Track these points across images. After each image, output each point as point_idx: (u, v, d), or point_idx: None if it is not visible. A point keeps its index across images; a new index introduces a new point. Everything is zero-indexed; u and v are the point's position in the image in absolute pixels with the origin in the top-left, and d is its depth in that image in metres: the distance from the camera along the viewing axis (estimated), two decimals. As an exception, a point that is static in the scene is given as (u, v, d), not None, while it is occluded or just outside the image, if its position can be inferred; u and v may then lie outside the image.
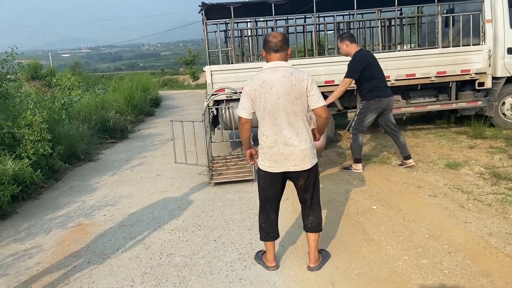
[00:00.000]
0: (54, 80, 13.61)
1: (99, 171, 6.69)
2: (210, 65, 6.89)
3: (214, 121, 7.34)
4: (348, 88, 5.65)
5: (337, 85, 6.89)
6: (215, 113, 7.13)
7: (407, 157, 5.58)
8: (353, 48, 5.40)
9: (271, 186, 3.14)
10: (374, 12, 8.35)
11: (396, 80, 7.04)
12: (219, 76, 6.82)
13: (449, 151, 6.27)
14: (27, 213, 4.91)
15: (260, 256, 3.41)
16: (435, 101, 7.48)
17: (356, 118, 5.57)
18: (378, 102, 5.36)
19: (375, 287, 2.91)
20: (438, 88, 7.53)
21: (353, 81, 5.46)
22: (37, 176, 5.23)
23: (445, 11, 7.70)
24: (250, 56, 9.19)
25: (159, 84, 24.56)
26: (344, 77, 5.43)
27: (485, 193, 4.51)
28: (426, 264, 3.14)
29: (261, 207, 3.25)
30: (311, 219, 3.21)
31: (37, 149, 5.47)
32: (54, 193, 5.66)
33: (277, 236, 3.27)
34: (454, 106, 7.41)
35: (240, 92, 6.58)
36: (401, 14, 9.27)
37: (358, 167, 5.59)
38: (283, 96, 2.93)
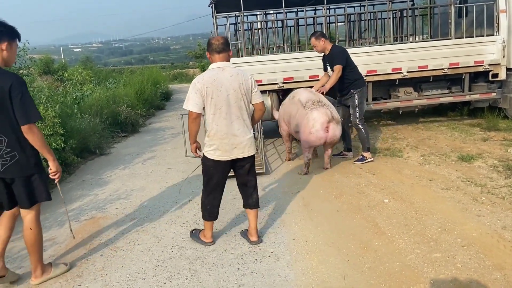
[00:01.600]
0: (66, 75, 13.71)
1: (111, 164, 6.75)
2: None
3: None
4: None
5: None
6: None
7: (349, 149, 5.98)
8: (328, 43, 5.65)
9: (221, 173, 3.51)
10: (386, 3, 8.26)
11: (407, 72, 6.96)
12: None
13: (462, 144, 6.20)
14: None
15: (197, 235, 3.73)
16: (447, 93, 7.39)
17: (357, 109, 5.57)
18: (365, 89, 5.81)
19: (387, 280, 2.90)
20: (450, 80, 7.43)
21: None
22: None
23: (458, 1, 7.58)
24: (260, 49, 9.15)
25: (169, 78, 24.63)
26: (335, 65, 5.49)
27: (499, 186, 4.46)
28: (439, 258, 3.12)
29: (207, 191, 3.59)
30: (255, 197, 3.65)
31: (50, 143, 5.52)
32: (67, 186, 5.72)
33: (218, 216, 3.67)
34: (467, 98, 7.31)
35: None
36: (413, 4, 9.16)
37: (369, 155, 5.64)
38: (232, 93, 3.30)
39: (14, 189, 3.06)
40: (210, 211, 3.59)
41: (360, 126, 5.58)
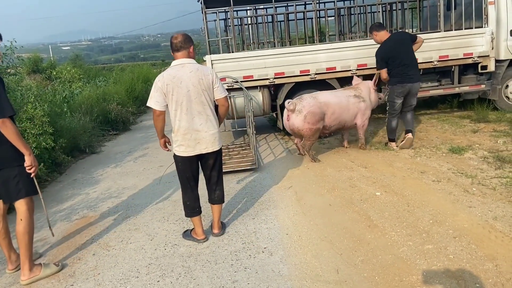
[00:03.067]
0: (54, 73, 13.57)
1: (102, 163, 6.70)
2: (210, 54, 6.84)
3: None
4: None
5: (339, 71, 6.87)
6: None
7: (408, 131, 5.85)
8: (381, 36, 5.65)
9: (188, 168, 3.54)
10: (375, -3, 8.24)
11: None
12: (220, 65, 6.77)
13: (453, 136, 6.24)
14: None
15: (189, 234, 3.74)
16: (437, 86, 7.42)
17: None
18: (400, 88, 5.58)
19: (380, 273, 2.91)
20: (440, 73, 7.46)
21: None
22: (40, 169, 5.23)
23: (446, -6, 7.60)
24: (250, 45, 9.11)
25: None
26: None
27: (489, 177, 4.49)
28: (431, 250, 3.14)
29: (183, 188, 3.64)
30: (217, 193, 3.71)
31: (40, 143, 5.47)
32: (57, 186, 5.68)
33: (201, 210, 3.69)
34: (457, 90, 7.35)
35: (242, 81, 6.57)
36: (402, -2, 9.15)
37: (391, 145, 5.90)
38: (192, 88, 3.36)
39: None
40: (191, 207, 3.65)
41: (386, 118, 5.90)
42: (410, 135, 5.77)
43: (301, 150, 5.80)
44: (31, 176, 3.13)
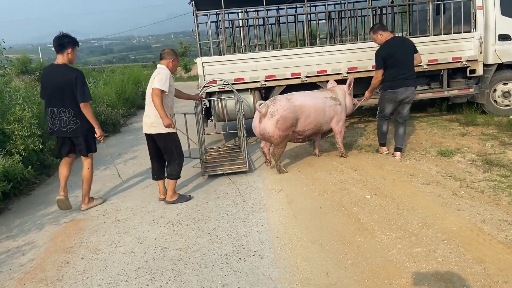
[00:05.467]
0: (44, 75, 13.41)
1: (92, 165, 6.63)
2: (201, 56, 6.82)
3: (207, 113, 7.30)
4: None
5: (330, 75, 6.90)
6: (208, 105, 7.08)
7: (398, 149, 5.59)
8: (384, 37, 5.50)
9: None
10: (365, 1, 8.30)
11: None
12: (211, 68, 6.77)
13: (441, 139, 6.30)
14: (19, 210, 4.87)
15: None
16: (427, 89, 7.50)
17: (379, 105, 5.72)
18: (391, 93, 5.43)
19: (370, 276, 2.92)
20: (429, 76, 7.54)
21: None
22: (28, 172, 5.18)
23: (436, -2, 7.68)
24: (241, 47, 9.11)
25: (150, 76, 24.33)
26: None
27: (478, 180, 4.54)
28: (420, 252, 3.16)
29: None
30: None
31: (28, 145, 5.41)
32: (46, 188, 5.61)
33: (156, 178, 4.80)
34: (446, 94, 7.43)
35: (233, 84, 6.57)
36: (392, 2, 9.25)
37: (382, 149, 5.81)
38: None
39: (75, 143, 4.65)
40: (151, 172, 4.85)
41: (377, 122, 5.83)
42: (399, 154, 5.56)
43: (268, 157, 5.58)
44: (100, 141, 4.88)
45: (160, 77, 4.36)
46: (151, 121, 4.45)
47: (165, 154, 4.63)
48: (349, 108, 5.84)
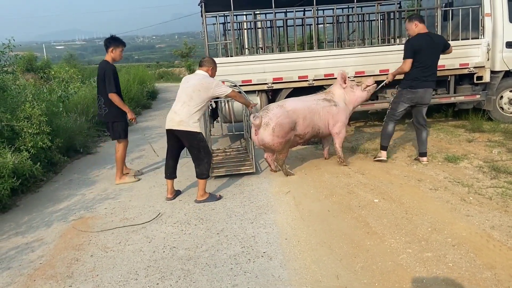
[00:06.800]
0: (53, 73, 13.43)
1: (98, 164, 6.66)
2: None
3: (213, 114, 7.32)
4: None
5: (336, 78, 6.90)
6: (214, 106, 7.10)
7: (422, 154, 5.51)
8: (417, 29, 5.34)
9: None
10: (374, 6, 8.34)
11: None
12: (218, 69, 6.75)
13: (448, 145, 6.30)
14: (27, 206, 4.89)
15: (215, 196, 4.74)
16: (433, 95, 7.48)
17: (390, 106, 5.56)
18: (410, 93, 5.33)
19: (380, 280, 2.92)
20: (436, 82, 7.51)
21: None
22: (37, 169, 5.19)
23: (444, 4, 7.70)
24: (249, 49, 9.14)
25: (154, 76, 24.39)
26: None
27: (485, 186, 4.54)
28: (430, 257, 3.16)
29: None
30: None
31: (36, 142, 5.42)
32: (53, 186, 5.63)
33: (169, 176, 4.85)
34: (452, 100, 7.43)
35: (240, 86, 6.58)
36: (400, 7, 9.27)
37: (381, 154, 5.60)
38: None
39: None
40: (164, 170, 4.91)
41: (383, 122, 5.61)
42: (425, 159, 5.47)
43: (273, 166, 5.51)
44: (132, 123, 5.81)
45: (217, 83, 4.69)
46: (180, 118, 4.52)
47: (191, 153, 4.69)
48: (362, 97, 5.66)
